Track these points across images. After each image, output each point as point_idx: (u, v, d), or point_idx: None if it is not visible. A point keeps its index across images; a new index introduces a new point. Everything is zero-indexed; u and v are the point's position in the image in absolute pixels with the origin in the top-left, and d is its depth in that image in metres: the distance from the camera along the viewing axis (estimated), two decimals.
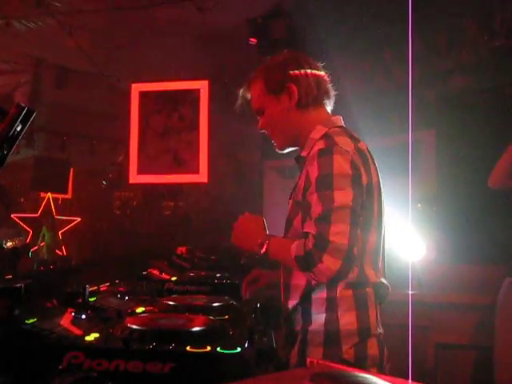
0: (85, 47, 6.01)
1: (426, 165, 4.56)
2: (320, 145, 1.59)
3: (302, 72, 1.73)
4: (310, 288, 1.61)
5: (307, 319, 1.61)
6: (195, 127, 5.68)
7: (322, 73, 1.79)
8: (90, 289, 1.90)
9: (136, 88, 5.88)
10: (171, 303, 1.97)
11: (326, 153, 1.55)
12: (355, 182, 1.53)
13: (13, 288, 1.45)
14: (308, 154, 1.65)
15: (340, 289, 1.56)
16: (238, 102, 1.88)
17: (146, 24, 5.67)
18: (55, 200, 9.46)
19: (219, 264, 3.51)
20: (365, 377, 0.89)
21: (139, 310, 1.88)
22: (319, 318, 1.58)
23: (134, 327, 1.43)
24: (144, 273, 2.79)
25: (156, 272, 2.86)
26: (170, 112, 5.83)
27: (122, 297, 2.12)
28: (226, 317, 1.80)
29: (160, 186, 7.99)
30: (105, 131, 8.24)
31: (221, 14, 5.20)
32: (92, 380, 1.15)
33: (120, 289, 2.28)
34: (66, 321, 1.56)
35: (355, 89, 5.22)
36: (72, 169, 9.28)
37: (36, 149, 8.44)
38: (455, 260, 3.93)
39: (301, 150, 1.75)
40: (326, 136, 1.62)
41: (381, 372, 1.55)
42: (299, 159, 1.75)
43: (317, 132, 1.69)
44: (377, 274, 1.62)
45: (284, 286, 1.75)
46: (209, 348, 1.30)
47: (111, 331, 1.46)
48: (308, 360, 1.05)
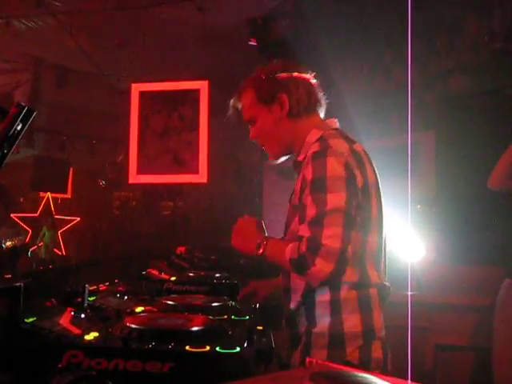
0: (85, 47, 6.02)
1: (426, 166, 4.57)
2: (314, 148, 1.59)
3: (293, 81, 1.72)
4: (310, 290, 1.61)
5: (311, 321, 1.61)
6: (195, 127, 5.68)
7: (313, 81, 1.78)
8: (90, 288, 1.90)
9: (136, 88, 5.88)
10: (170, 303, 1.97)
11: (320, 155, 1.55)
12: (349, 184, 1.53)
13: (12, 287, 1.45)
14: (304, 158, 1.65)
15: (344, 291, 1.56)
16: (229, 112, 1.86)
17: (147, 24, 5.67)
18: (55, 200, 9.46)
19: (218, 264, 3.51)
20: (364, 376, 0.89)
21: (138, 310, 1.88)
22: (324, 321, 1.58)
23: (134, 326, 1.43)
24: (143, 272, 2.79)
25: (155, 272, 2.86)
26: (170, 112, 5.83)
27: (122, 296, 2.12)
28: (225, 317, 1.80)
29: (159, 186, 8.00)
30: (105, 131, 8.26)
31: (221, 15, 5.21)
32: (91, 379, 1.15)
33: (119, 288, 2.27)
34: (66, 320, 1.56)
35: (355, 89, 5.23)
36: (72, 168, 9.28)
37: (36, 148, 8.45)
38: (454, 261, 3.93)
39: (297, 155, 1.75)
40: (321, 139, 1.62)
41: (384, 372, 1.54)
42: (296, 164, 1.75)
43: (312, 136, 1.69)
44: (379, 275, 1.62)
45: (284, 289, 1.75)
46: (208, 348, 1.30)
47: (110, 330, 1.46)
48: (307, 360, 1.06)
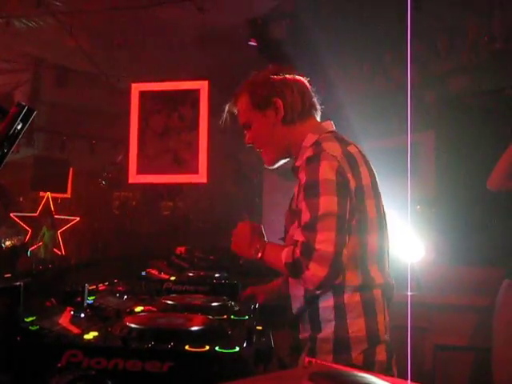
0: (85, 47, 6.03)
1: (425, 166, 4.57)
2: (309, 152, 1.60)
3: (288, 86, 1.73)
4: (313, 295, 1.61)
5: (316, 327, 1.61)
6: (195, 127, 5.68)
7: (308, 87, 1.78)
8: (89, 288, 1.90)
9: (136, 88, 5.88)
10: (170, 302, 1.97)
11: (314, 160, 1.56)
12: (342, 188, 1.53)
13: (12, 287, 1.45)
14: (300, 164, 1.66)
15: (347, 295, 1.56)
16: (224, 117, 1.87)
17: (146, 24, 5.68)
18: (54, 199, 9.45)
19: (218, 264, 3.52)
20: (363, 376, 0.89)
21: (138, 310, 1.88)
22: (328, 326, 1.58)
23: (133, 326, 1.43)
24: (143, 272, 2.80)
25: (155, 272, 2.86)
26: (170, 112, 5.84)
27: (121, 296, 2.12)
28: (225, 316, 1.80)
29: (159, 186, 8.00)
30: (104, 131, 8.26)
31: (221, 15, 5.21)
32: (91, 378, 1.15)
33: (119, 288, 2.28)
34: (65, 319, 1.56)
35: (355, 90, 5.23)
36: (71, 168, 9.27)
37: (36, 148, 8.45)
38: (454, 262, 3.93)
39: (295, 161, 1.75)
40: (316, 143, 1.63)
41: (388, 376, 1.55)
42: (294, 169, 1.75)
43: (308, 140, 1.69)
44: (383, 276, 1.62)
45: (286, 294, 1.76)
46: (207, 347, 1.30)
47: (110, 330, 1.46)
48: (306, 360, 1.06)
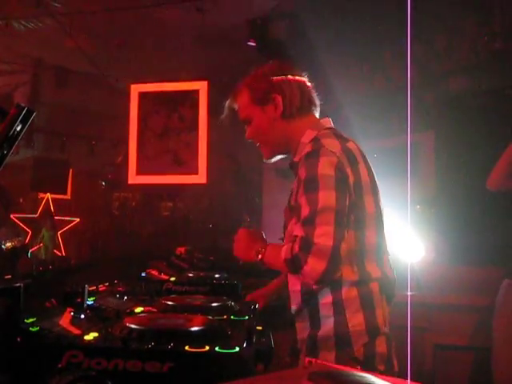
0: (84, 48, 6.02)
1: (425, 166, 4.57)
2: (308, 148, 1.62)
3: (287, 82, 1.75)
4: (310, 292, 1.62)
5: (315, 325, 1.62)
6: (194, 128, 5.68)
7: (307, 82, 1.81)
8: (89, 289, 1.90)
9: (135, 89, 5.88)
10: (170, 303, 1.97)
11: (313, 155, 1.58)
12: (341, 183, 1.55)
13: (12, 288, 1.45)
14: (299, 159, 1.68)
15: (345, 290, 1.57)
16: (225, 112, 1.90)
17: (146, 25, 5.67)
18: (54, 200, 9.45)
19: (218, 264, 3.52)
20: (363, 376, 0.89)
21: (138, 310, 1.89)
22: (328, 322, 1.59)
23: (133, 327, 1.43)
24: (143, 273, 2.80)
25: (155, 272, 2.87)
26: (170, 113, 5.83)
27: (121, 297, 2.13)
28: (225, 317, 1.80)
29: (159, 187, 7.99)
30: (104, 132, 8.25)
31: (220, 15, 5.22)
32: (91, 379, 1.16)
33: (119, 289, 2.28)
34: (65, 320, 1.56)
35: (355, 90, 5.23)
36: (71, 169, 9.27)
37: (35, 149, 8.44)
38: (454, 261, 3.93)
39: (294, 156, 1.77)
40: (315, 139, 1.65)
41: (389, 368, 1.57)
42: (293, 165, 1.77)
43: (307, 136, 1.71)
44: (381, 270, 1.63)
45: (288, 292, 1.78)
46: (207, 348, 1.30)
47: (110, 331, 1.47)
48: (306, 359, 1.06)
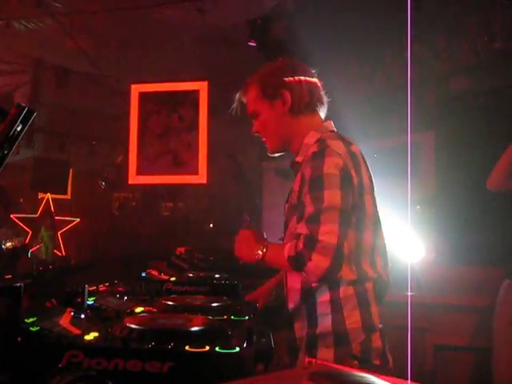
0: (84, 48, 6.02)
1: (425, 166, 4.57)
2: (313, 148, 1.64)
3: (296, 79, 1.78)
4: (309, 290, 1.64)
5: (313, 323, 1.64)
6: (194, 128, 5.68)
7: (316, 80, 1.83)
8: (90, 289, 1.90)
9: (135, 89, 5.88)
10: (170, 303, 1.97)
11: (319, 155, 1.60)
12: (346, 184, 1.58)
13: (12, 288, 1.45)
14: (303, 160, 1.70)
15: (342, 289, 1.61)
16: (234, 105, 1.93)
17: (146, 25, 5.67)
18: (54, 200, 9.45)
19: (218, 265, 3.52)
20: (363, 376, 0.89)
21: (138, 310, 1.89)
22: (325, 320, 1.61)
23: (133, 327, 1.43)
24: (143, 273, 2.80)
25: (155, 272, 2.87)
26: (170, 113, 5.83)
27: (121, 297, 2.13)
28: (225, 317, 1.80)
29: (159, 187, 8.00)
30: (104, 132, 8.26)
31: (220, 15, 5.21)
32: (91, 379, 1.16)
33: (119, 289, 2.28)
34: (66, 320, 1.56)
35: (355, 90, 5.23)
36: (71, 169, 9.27)
37: (36, 149, 8.45)
38: (454, 262, 3.93)
39: (295, 156, 1.80)
40: (320, 140, 1.68)
41: (384, 363, 1.61)
42: (294, 165, 1.80)
43: (310, 138, 1.74)
44: (374, 270, 1.66)
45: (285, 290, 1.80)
46: (207, 348, 1.30)
47: (110, 331, 1.47)
48: (306, 359, 1.06)
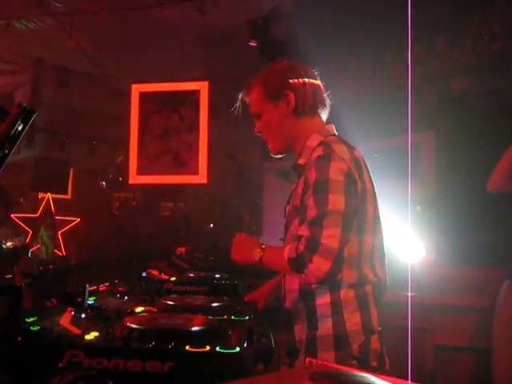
0: (85, 48, 6.02)
1: (426, 167, 4.57)
2: (318, 152, 1.65)
3: (300, 80, 1.80)
4: (308, 293, 1.65)
5: (313, 324, 1.65)
6: (195, 128, 5.68)
7: (319, 82, 1.85)
8: (90, 288, 1.90)
9: (136, 88, 5.88)
10: (170, 303, 1.97)
11: (324, 160, 1.61)
12: (350, 189, 1.60)
13: (13, 287, 1.45)
14: (306, 162, 1.71)
15: (343, 291, 1.63)
16: (236, 105, 1.94)
17: (147, 25, 5.67)
18: (55, 200, 9.45)
19: (218, 264, 3.52)
20: (363, 376, 0.89)
21: (138, 310, 1.89)
22: (326, 322, 1.63)
23: (134, 326, 1.44)
24: (143, 273, 2.80)
25: (155, 272, 2.87)
26: (170, 113, 5.83)
27: (122, 296, 2.13)
28: (225, 317, 1.81)
29: (160, 187, 7.99)
30: (105, 132, 8.26)
31: (221, 15, 5.21)
32: (91, 378, 1.16)
33: (119, 289, 2.28)
34: (66, 320, 1.56)
35: (355, 90, 5.23)
36: (72, 169, 9.27)
37: (36, 149, 8.44)
38: (454, 262, 3.93)
39: (298, 158, 1.81)
40: (324, 144, 1.68)
41: (381, 364, 1.63)
42: (297, 167, 1.80)
43: (313, 140, 1.75)
44: (374, 273, 1.68)
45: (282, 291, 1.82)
46: (208, 348, 1.30)
47: (111, 330, 1.47)
48: (307, 360, 1.06)
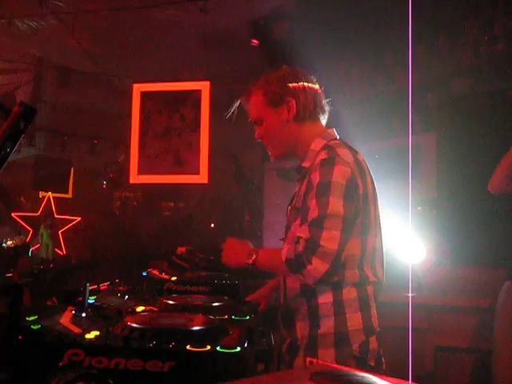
0: (87, 47, 6.02)
1: (427, 168, 4.56)
2: (323, 155, 1.67)
3: (301, 87, 1.81)
4: (308, 291, 1.66)
5: (315, 323, 1.66)
6: (196, 128, 5.68)
7: (319, 89, 1.86)
8: (90, 288, 1.90)
9: (137, 88, 5.87)
10: (171, 302, 1.97)
11: (329, 163, 1.63)
12: (352, 193, 1.62)
13: (13, 286, 1.45)
14: (311, 165, 1.73)
15: (345, 292, 1.65)
16: (231, 110, 1.95)
17: (149, 24, 5.68)
18: (56, 199, 9.46)
19: (219, 264, 3.51)
20: (364, 376, 0.89)
21: (139, 309, 1.89)
22: (328, 321, 1.64)
23: (134, 326, 1.44)
24: (144, 272, 2.80)
25: (156, 272, 2.86)
26: (171, 112, 5.82)
27: (122, 296, 2.13)
28: (226, 316, 1.80)
29: (160, 187, 8.00)
30: (106, 131, 8.26)
31: (223, 16, 5.21)
32: (92, 377, 1.16)
33: (120, 288, 2.28)
34: (66, 319, 1.56)
35: (356, 91, 5.23)
36: (73, 168, 9.28)
37: (37, 148, 8.46)
38: (455, 263, 3.93)
39: (302, 161, 1.82)
40: (328, 147, 1.70)
41: (379, 364, 1.65)
42: (300, 170, 1.82)
43: (317, 144, 1.77)
44: (374, 274, 1.71)
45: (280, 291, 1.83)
46: (208, 347, 1.30)
47: (111, 330, 1.47)
48: (307, 360, 1.06)
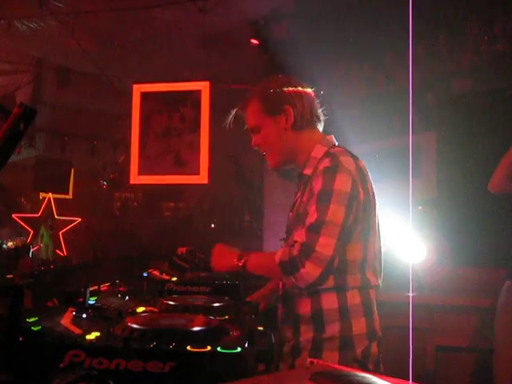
0: (87, 48, 6.02)
1: (427, 167, 4.56)
2: (325, 163, 1.68)
3: (298, 95, 1.83)
4: (311, 295, 1.67)
5: (319, 328, 1.68)
6: (196, 128, 5.68)
7: (315, 98, 1.88)
8: (91, 288, 1.90)
9: (137, 89, 5.88)
10: (171, 303, 1.97)
11: (331, 171, 1.65)
12: (352, 201, 1.63)
13: (14, 287, 1.46)
14: (313, 172, 1.74)
15: (350, 297, 1.67)
16: (230, 119, 1.95)
17: (148, 25, 5.67)
18: (56, 200, 9.46)
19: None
20: (364, 376, 0.89)
21: (140, 310, 1.89)
22: (333, 326, 1.66)
23: (135, 326, 1.44)
24: (144, 273, 2.80)
25: (156, 272, 2.87)
26: (171, 113, 5.83)
27: (123, 297, 2.13)
28: (227, 317, 1.81)
29: (161, 187, 8.00)
30: (106, 132, 8.26)
31: (222, 16, 5.21)
32: (93, 378, 1.16)
33: (120, 289, 2.28)
34: (67, 320, 1.57)
35: (356, 91, 5.23)
36: (73, 169, 9.28)
37: (37, 149, 8.45)
38: (456, 262, 3.93)
39: (303, 169, 1.82)
40: (331, 155, 1.71)
41: (377, 368, 1.67)
42: (302, 177, 1.82)
43: (318, 151, 1.79)
44: (376, 278, 1.74)
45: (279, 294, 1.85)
46: (209, 348, 1.30)
47: (112, 330, 1.47)
48: (308, 360, 1.06)
